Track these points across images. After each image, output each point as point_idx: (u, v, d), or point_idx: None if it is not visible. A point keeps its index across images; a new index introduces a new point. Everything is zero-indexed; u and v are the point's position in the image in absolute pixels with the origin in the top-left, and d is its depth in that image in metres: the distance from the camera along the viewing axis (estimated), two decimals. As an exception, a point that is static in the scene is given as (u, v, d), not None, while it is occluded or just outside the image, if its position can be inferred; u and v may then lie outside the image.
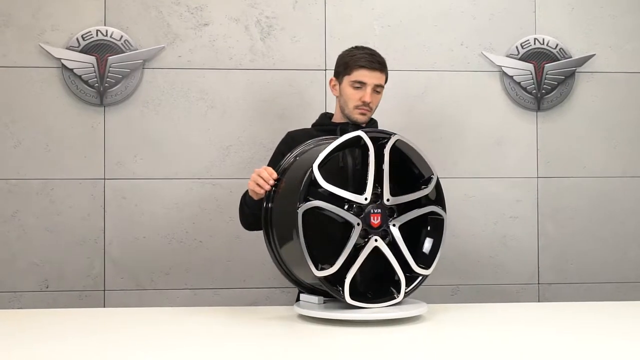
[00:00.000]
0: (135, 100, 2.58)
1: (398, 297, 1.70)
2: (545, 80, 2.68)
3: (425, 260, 1.77)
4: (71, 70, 2.53)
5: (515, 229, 2.68)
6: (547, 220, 2.69)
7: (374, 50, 2.02)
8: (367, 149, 1.71)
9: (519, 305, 2.04)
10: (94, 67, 2.54)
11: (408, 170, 1.80)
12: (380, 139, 1.74)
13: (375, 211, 1.67)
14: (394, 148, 1.77)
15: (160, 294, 2.57)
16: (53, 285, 2.54)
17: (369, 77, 1.97)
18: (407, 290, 1.73)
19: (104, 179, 2.56)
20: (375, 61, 1.97)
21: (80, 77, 2.53)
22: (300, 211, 1.59)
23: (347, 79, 1.99)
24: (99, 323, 1.71)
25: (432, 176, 1.77)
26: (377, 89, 2.00)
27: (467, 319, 1.74)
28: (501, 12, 2.70)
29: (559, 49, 2.68)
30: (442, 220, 1.79)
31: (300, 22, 2.64)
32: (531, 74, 2.67)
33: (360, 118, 1.99)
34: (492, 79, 2.69)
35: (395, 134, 1.74)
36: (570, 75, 2.69)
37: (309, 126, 2.15)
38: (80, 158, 2.55)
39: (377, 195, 1.71)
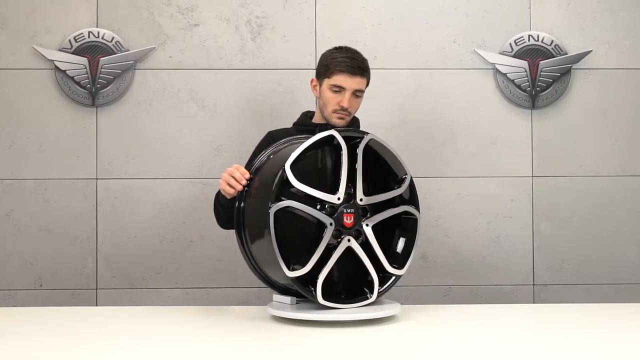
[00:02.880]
0: (126, 101, 2.60)
1: (371, 297, 1.67)
2: (540, 77, 2.63)
3: (399, 261, 1.76)
4: (64, 71, 2.56)
5: (509, 229, 2.64)
6: (542, 219, 2.64)
7: (356, 53, 1.97)
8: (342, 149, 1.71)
9: (506, 307, 2.01)
10: (85, 68, 2.57)
11: (384, 170, 1.79)
12: (355, 139, 1.74)
13: (348, 211, 1.66)
14: (369, 148, 1.76)
15: (152, 293, 2.59)
16: (47, 283, 2.58)
17: (349, 82, 1.92)
18: (380, 291, 1.71)
19: (96, 178, 2.59)
20: (355, 66, 1.92)
21: (72, 78, 2.57)
22: (272, 211, 1.58)
23: (326, 82, 1.96)
24: (81, 322, 1.74)
25: (406, 176, 1.75)
26: (357, 93, 1.96)
27: (443, 320, 1.73)
28: (495, 9, 2.66)
29: (554, 46, 2.63)
30: (416, 220, 1.77)
31: (291, 21, 2.63)
32: (525, 72, 2.62)
33: (338, 122, 1.97)
34: (485, 76, 2.65)
35: (368, 133, 1.72)
36: (566, 72, 2.64)
37: (289, 126, 2.15)
38: (73, 158, 2.59)
39: (351, 195, 1.70)
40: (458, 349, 1.42)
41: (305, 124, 2.08)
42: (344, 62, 1.92)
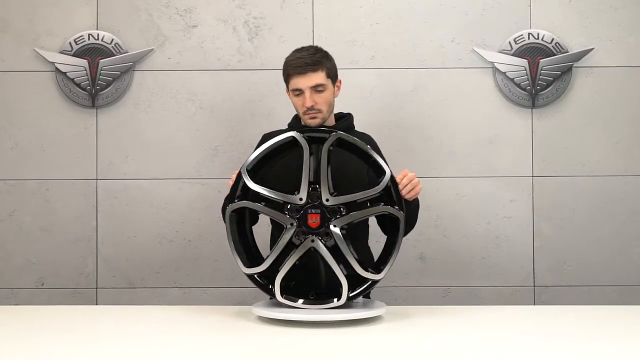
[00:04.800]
0: (125, 102, 2.63)
1: (339, 300, 1.64)
2: (540, 76, 2.59)
3: (380, 263, 1.70)
4: (64, 73, 2.60)
5: (509, 230, 2.61)
6: (542, 220, 2.61)
7: (304, 51, 1.95)
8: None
9: (506, 308, 1.97)
10: (86, 70, 2.60)
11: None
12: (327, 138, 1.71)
13: (314, 211, 1.64)
14: (354, 147, 1.73)
15: (151, 293, 2.61)
16: (48, 282, 2.61)
17: (303, 82, 1.90)
18: (352, 294, 1.66)
19: (96, 179, 2.62)
20: (302, 64, 1.90)
21: (72, 80, 2.60)
22: (228, 211, 1.67)
23: (289, 88, 1.97)
24: (80, 321, 1.76)
25: (384, 174, 1.68)
26: (318, 88, 1.91)
27: (439, 321, 1.70)
28: (494, 7, 2.63)
29: (555, 44, 2.59)
30: (398, 220, 1.70)
31: (288, 21, 2.64)
32: (525, 70, 2.59)
33: (312, 122, 1.95)
34: (484, 75, 2.62)
35: (335, 131, 1.68)
36: (567, 71, 2.60)
37: (285, 127, 2.15)
38: (74, 159, 2.62)
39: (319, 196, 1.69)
40: (453, 351, 1.40)
41: (295, 126, 2.08)
42: (292, 64, 1.92)
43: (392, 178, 1.68)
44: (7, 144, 2.62)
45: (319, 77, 1.91)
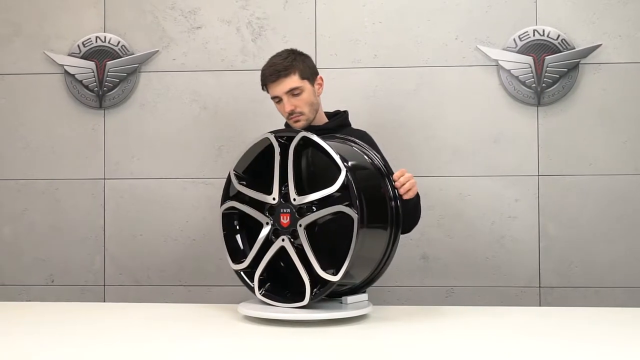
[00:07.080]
0: (132, 103, 2.68)
1: (303, 300, 1.62)
2: (545, 73, 2.55)
3: (338, 264, 1.62)
4: (73, 75, 2.66)
5: (514, 230, 2.57)
6: (548, 220, 2.56)
7: (274, 58, 1.98)
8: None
9: (510, 309, 1.95)
10: (93, 72, 2.66)
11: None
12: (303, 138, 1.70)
13: (284, 211, 1.66)
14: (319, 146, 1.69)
15: (156, 290, 2.65)
16: (58, 279, 2.68)
17: (278, 89, 1.94)
18: (314, 295, 1.62)
19: (104, 179, 2.68)
20: (273, 72, 1.93)
21: (81, 82, 2.66)
22: (220, 210, 1.72)
23: (270, 96, 2.00)
24: (85, 318, 1.79)
25: (341, 173, 1.59)
26: (295, 92, 1.94)
27: (438, 322, 1.68)
28: (499, 4, 2.59)
29: (561, 40, 2.55)
30: (353, 220, 1.58)
31: (291, 21, 2.65)
32: (530, 67, 2.55)
33: (297, 125, 1.97)
34: (488, 73, 2.59)
35: (300, 131, 1.66)
36: (574, 68, 2.55)
37: (283, 127, 2.17)
38: (82, 159, 2.68)
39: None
40: (450, 353, 1.37)
41: (289, 126, 2.09)
42: (265, 73, 1.96)
43: (348, 177, 1.59)
44: (19, 145, 2.70)
45: (293, 80, 1.94)
